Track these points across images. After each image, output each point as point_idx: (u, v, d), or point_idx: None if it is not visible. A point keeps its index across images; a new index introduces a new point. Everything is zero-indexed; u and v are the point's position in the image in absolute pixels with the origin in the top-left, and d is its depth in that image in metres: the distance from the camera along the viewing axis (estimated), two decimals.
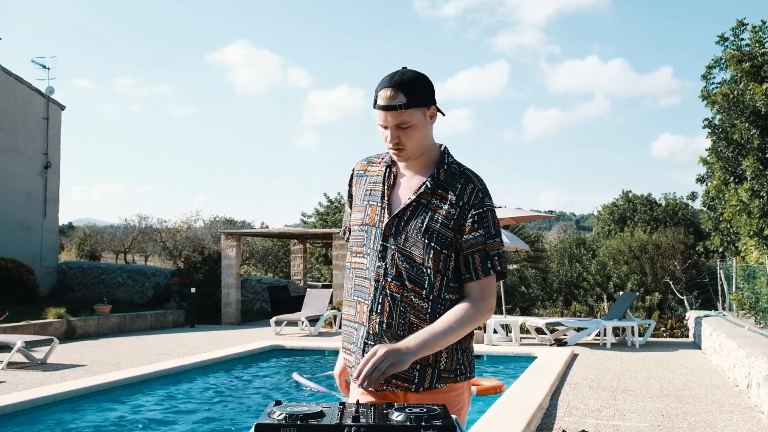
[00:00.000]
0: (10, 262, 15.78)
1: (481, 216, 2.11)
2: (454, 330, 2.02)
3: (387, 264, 2.11)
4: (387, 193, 2.17)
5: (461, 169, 2.17)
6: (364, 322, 2.14)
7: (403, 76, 2.09)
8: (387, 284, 2.10)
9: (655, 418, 6.00)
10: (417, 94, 2.08)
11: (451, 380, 2.13)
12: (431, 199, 2.12)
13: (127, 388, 7.62)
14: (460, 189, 2.13)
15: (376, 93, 2.10)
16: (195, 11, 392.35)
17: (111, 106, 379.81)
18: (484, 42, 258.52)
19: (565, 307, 17.13)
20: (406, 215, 2.12)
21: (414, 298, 2.09)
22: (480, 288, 2.11)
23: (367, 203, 2.20)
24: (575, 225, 61.40)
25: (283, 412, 1.74)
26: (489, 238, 2.12)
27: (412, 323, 2.08)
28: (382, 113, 2.08)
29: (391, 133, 2.09)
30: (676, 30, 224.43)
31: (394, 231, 2.12)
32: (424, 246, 2.09)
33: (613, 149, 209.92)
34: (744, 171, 11.46)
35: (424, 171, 2.18)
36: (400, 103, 2.06)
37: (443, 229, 2.10)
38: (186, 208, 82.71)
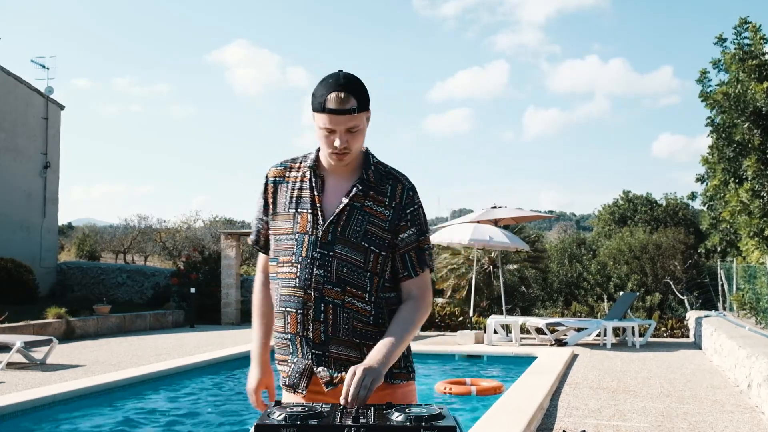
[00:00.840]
0: (9, 262, 15.76)
1: (413, 214, 2.15)
2: (409, 333, 2.07)
3: (326, 271, 2.08)
4: (318, 198, 2.13)
5: (387, 170, 2.18)
6: (298, 331, 2.12)
7: (348, 78, 2.06)
8: (328, 292, 2.08)
9: (656, 419, 5.99)
10: (364, 97, 2.07)
11: (404, 377, 2.18)
12: (364, 202, 2.12)
13: (127, 389, 7.61)
14: (391, 190, 2.14)
15: (321, 96, 2.05)
16: (194, 11, 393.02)
17: (110, 106, 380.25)
18: (483, 41, 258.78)
19: (565, 307, 17.12)
20: (341, 220, 2.10)
21: (357, 303, 2.10)
22: (419, 285, 2.16)
23: (294, 210, 2.15)
24: (575, 225, 61.39)
25: (282, 412, 1.73)
26: (421, 234, 2.17)
27: (356, 328, 2.10)
28: (332, 117, 2.03)
29: (340, 137, 2.05)
30: (677, 29, 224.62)
31: (332, 237, 2.09)
32: (365, 250, 2.09)
33: (613, 149, 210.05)
34: (745, 171, 11.45)
35: (351, 174, 2.16)
36: (352, 107, 2.03)
37: (380, 231, 2.11)
38: (185, 208, 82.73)
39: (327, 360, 2.10)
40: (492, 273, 16.96)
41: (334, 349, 2.10)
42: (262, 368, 2.29)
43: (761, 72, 11.47)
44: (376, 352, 1.99)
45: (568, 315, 15.44)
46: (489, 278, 17.01)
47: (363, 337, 2.10)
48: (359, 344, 2.10)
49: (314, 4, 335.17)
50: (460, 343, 11.67)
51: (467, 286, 16.24)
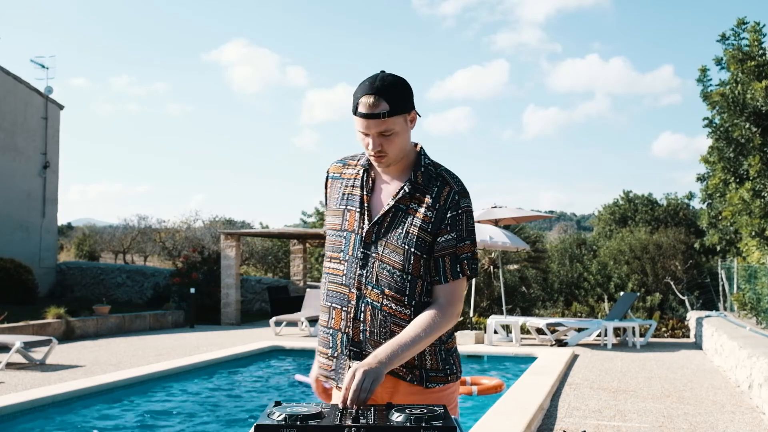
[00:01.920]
0: (8, 262, 15.76)
1: (455, 218, 2.09)
2: (422, 338, 2.01)
3: (367, 271, 2.08)
4: (366, 198, 2.13)
5: (438, 171, 2.15)
6: (341, 327, 2.12)
7: (383, 81, 2.04)
8: (368, 292, 2.08)
9: (656, 419, 5.97)
10: (399, 100, 2.05)
11: (441, 380, 2.13)
12: (410, 204, 2.10)
13: (126, 389, 7.59)
14: (437, 192, 2.10)
15: (356, 99, 2.05)
16: (192, 9, 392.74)
17: (108, 105, 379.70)
18: (483, 40, 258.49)
19: (565, 307, 17.12)
20: (386, 221, 2.09)
21: (395, 306, 2.07)
22: (448, 292, 2.09)
23: (344, 208, 2.16)
24: (576, 225, 61.45)
25: (282, 412, 1.72)
26: (460, 241, 2.09)
27: (393, 332, 2.07)
28: (364, 121, 2.03)
29: (373, 140, 2.05)
30: (677, 28, 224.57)
31: (375, 238, 2.09)
32: (405, 252, 2.07)
33: (613, 148, 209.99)
34: (746, 171, 11.44)
35: (402, 174, 2.15)
36: (383, 111, 2.02)
37: (422, 233, 2.07)
38: (184, 207, 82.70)
39: (363, 359, 2.08)
40: (492, 273, 16.96)
41: (370, 350, 2.08)
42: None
43: (760, 72, 11.47)
44: (381, 350, 1.97)
45: (568, 315, 15.43)
46: (489, 278, 17.00)
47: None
48: None
49: (314, 4, 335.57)
50: (460, 344, 11.67)
51: (467, 286, 16.21)
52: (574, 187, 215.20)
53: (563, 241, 23.68)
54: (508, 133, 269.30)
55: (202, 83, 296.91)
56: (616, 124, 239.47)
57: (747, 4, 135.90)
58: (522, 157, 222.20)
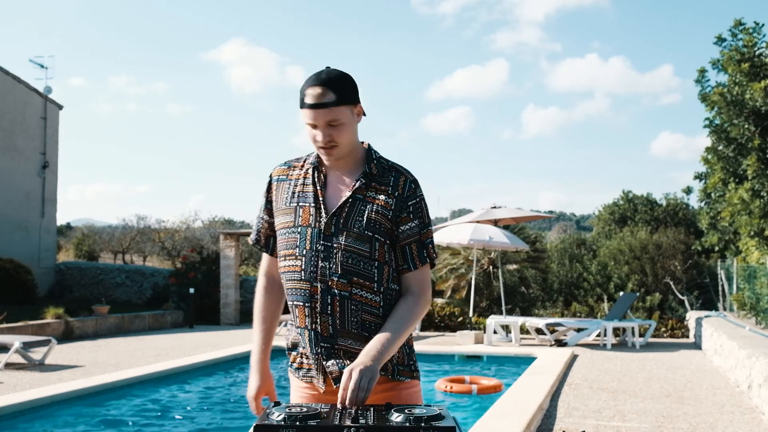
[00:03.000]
0: (8, 262, 15.75)
1: (416, 206, 2.14)
2: (405, 329, 2.06)
3: (331, 263, 2.08)
4: (320, 192, 2.14)
5: (389, 163, 2.20)
6: (307, 325, 2.12)
7: (329, 74, 2.09)
8: (334, 283, 2.08)
9: (656, 419, 5.97)
10: (344, 91, 2.08)
11: (407, 374, 2.16)
12: (367, 193, 2.13)
13: (126, 389, 7.59)
14: (393, 181, 2.15)
15: (302, 92, 2.08)
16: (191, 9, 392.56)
17: (106, 105, 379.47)
18: (483, 40, 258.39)
19: (565, 307, 17.12)
20: (344, 212, 2.11)
21: (365, 294, 2.09)
22: (418, 279, 2.15)
23: (296, 205, 2.16)
24: (575, 225, 61.46)
25: (282, 412, 1.72)
26: (423, 227, 2.16)
27: (364, 320, 2.09)
28: (311, 111, 2.06)
29: (322, 131, 2.07)
30: (677, 28, 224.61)
31: (334, 229, 2.10)
32: (369, 238, 2.09)
33: (613, 148, 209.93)
34: (744, 171, 11.44)
35: (353, 169, 2.17)
36: (329, 100, 2.05)
37: (383, 219, 2.11)
38: (183, 207, 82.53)
39: (336, 352, 2.09)
40: (492, 273, 16.95)
41: (343, 342, 2.09)
42: (262, 375, 2.30)
43: (757, 73, 11.48)
44: (371, 348, 1.98)
45: (567, 315, 15.43)
46: (489, 278, 17.00)
47: (372, 330, 2.09)
48: (368, 338, 2.08)
49: (313, 3, 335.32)
50: (459, 344, 11.66)
51: (467, 286, 16.23)
52: (573, 187, 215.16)
53: (563, 241, 23.68)
54: (507, 132, 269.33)
55: (202, 83, 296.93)
56: (615, 124, 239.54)
57: (746, 4, 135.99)
58: (521, 156, 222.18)
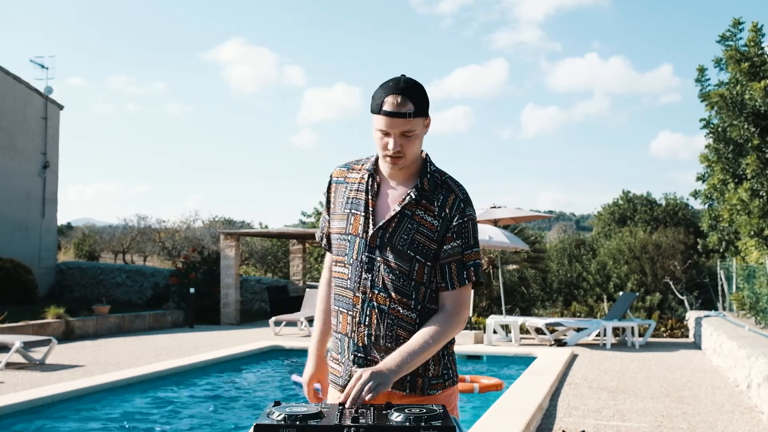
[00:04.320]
0: (8, 262, 15.75)
1: (461, 226, 2.11)
2: (430, 346, 2.03)
3: (373, 275, 2.09)
4: (371, 202, 2.13)
5: (443, 178, 2.17)
6: (348, 332, 2.13)
7: (408, 83, 2.06)
8: (374, 296, 2.09)
9: (656, 419, 5.98)
10: (422, 102, 2.08)
11: (440, 386, 2.15)
12: (416, 210, 2.11)
13: (126, 389, 7.59)
14: (443, 200, 2.12)
15: (379, 98, 2.06)
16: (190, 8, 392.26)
17: (105, 105, 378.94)
18: (482, 39, 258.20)
19: (564, 307, 17.12)
20: (391, 226, 2.10)
21: (402, 310, 2.09)
22: (454, 299, 2.11)
23: (349, 211, 2.16)
24: (575, 225, 61.42)
25: (282, 412, 1.73)
26: (467, 248, 2.12)
27: (399, 336, 2.09)
28: (387, 119, 2.04)
29: (394, 140, 2.05)
30: (677, 28, 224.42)
31: (379, 242, 2.09)
32: (410, 258, 2.08)
33: (612, 148, 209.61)
34: (744, 171, 11.45)
35: (408, 181, 2.15)
36: (409, 111, 2.04)
37: (427, 241, 2.09)
38: (182, 207, 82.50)
39: (370, 364, 2.10)
40: (491, 273, 16.96)
41: (376, 355, 2.09)
42: (316, 363, 2.32)
43: (757, 73, 11.48)
44: (391, 358, 1.99)
45: (567, 315, 15.44)
46: (488, 278, 17.00)
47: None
48: None
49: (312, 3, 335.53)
50: (459, 343, 11.67)
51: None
52: (573, 186, 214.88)
53: (562, 241, 23.68)
54: (507, 132, 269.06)
55: (201, 83, 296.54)
56: (615, 124, 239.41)
57: (746, 3, 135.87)
58: (521, 156, 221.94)
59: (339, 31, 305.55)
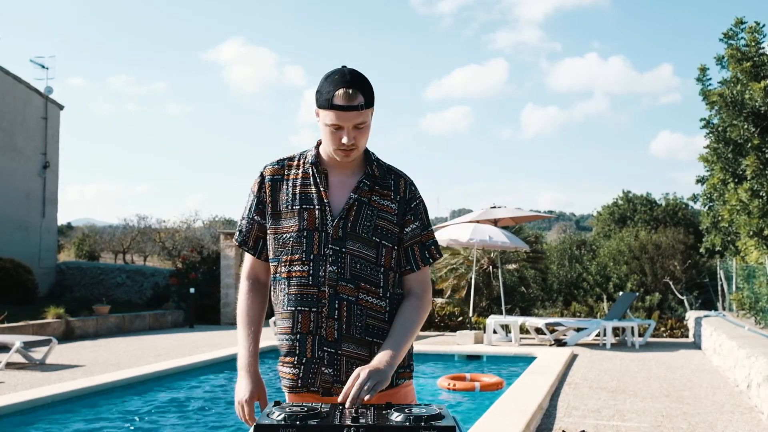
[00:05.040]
0: (8, 262, 15.76)
1: (416, 208, 2.17)
2: (413, 332, 2.09)
3: (339, 267, 2.07)
4: (324, 194, 2.11)
5: (387, 166, 2.21)
6: (311, 330, 2.10)
7: (354, 75, 2.06)
8: (342, 288, 2.08)
9: (655, 419, 5.99)
10: (371, 93, 2.08)
11: (407, 375, 2.18)
12: (371, 197, 2.12)
13: (126, 389, 7.60)
14: (394, 184, 2.16)
15: (328, 93, 2.03)
16: (189, 8, 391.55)
17: (105, 105, 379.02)
18: (482, 39, 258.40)
19: (564, 307, 17.12)
20: (351, 215, 2.09)
21: (371, 299, 2.10)
22: (420, 280, 2.17)
23: (299, 207, 2.12)
24: (575, 225, 61.43)
25: (282, 412, 1.73)
26: (424, 228, 2.18)
27: (368, 325, 2.10)
28: (339, 113, 2.02)
29: (348, 133, 2.04)
30: (676, 27, 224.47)
31: (342, 233, 2.08)
32: (376, 245, 2.10)
33: (612, 148, 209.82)
34: (743, 171, 11.44)
35: (354, 170, 2.16)
36: (360, 103, 2.04)
37: (390, 225, 2.12)
38: (182, 207, 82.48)
39: (339, 358, 2.08)
40: (491, 273, 16.96)
41: (346, 347, 2.09)
42: (253, 379, 2.23)
43: (757, 72, 11.47)
44: (384, 354, 1.99)
45: (567, 315, 15.44)
46: (488, 278, 17.01)
47: (375, 335, 2.10)
48: (371, 342, 2.09)
49: (311, 3, 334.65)
50: (459, 343, 11.67)
51: (467, 286, 16.23)
52: (573, 186, 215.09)
53: (562, 241, 23.67)
54: (506, 132, 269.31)
55: (201, 83, 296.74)
56: (615, 124, 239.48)
57: (746, 3, 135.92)
58: (521, 156, 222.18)
59: (339, 31, 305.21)
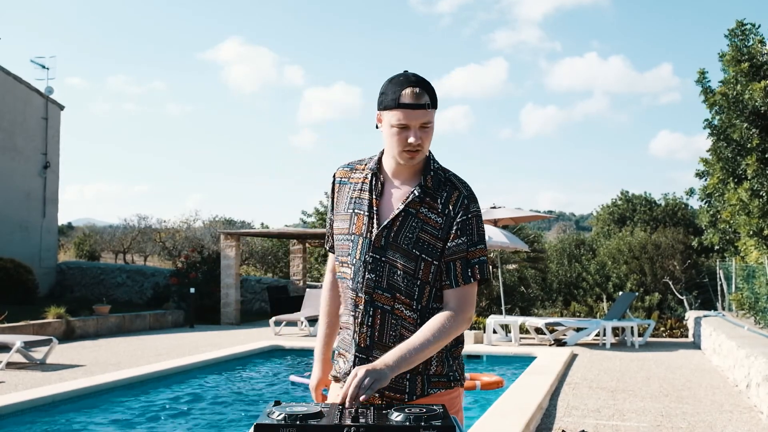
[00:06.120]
0: (9, 262, 15.76)
1: (465, 223, 2.08)
2: (432, 343, 1.99)
3: (377, 275, 2.07)
4: (375, 202, 2.12)
5: (447, 176, 2.15)
6: (352, 332, 2.13)
7: (418, 77, 2.07)
8: (378, 296, 2.07)
9: (655, 418, 5.99)
10: (434, 94, 2.08)
11: (443, 385, 2.11)
12: (420, 209, 2.09)
13: (126, 389, 7.61)
14: (446, 197, 2.10)
15: (394, 93, 2.04)
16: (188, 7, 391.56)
17: (104, 105, 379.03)
18: (482, 39, 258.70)
19: (564, 307, 17.13)
20: (395, 226, 2.08)
21: (404, 310, 2.08)
22: (459, 296, 2.07)
23: (352, 211, 2.14)
24: (574, 225, 61.45)
25: (282, 412, 1.73)
26: (471, 245, 2.08)
27: (402, 336, 2.06)
28: (407, 112, 2.02)
29: (415, 132, 2.03)
30: (676, 27, 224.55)
31: (384, 242, 2.08)
32: (416, 258, 2.06)
33: (612, 148, 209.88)
34: (744, 171, 11.45)
35: (411, 179, 2.13)
36: (426, 102, 2.04)
37: (432, 239, 2.07)
38: (181, 206, 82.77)
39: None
40: (491, 273, 16.98)
41: (378, 355, 2.07)
42: (322, 367, 2.29)
43: (757, 73, 11.48)
44: (389, 354, 1.97)
45: (567, 315, 15.45)
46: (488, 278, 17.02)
47: None
48: None
49: (311, 2, 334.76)
50: None
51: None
52: (572, 186, 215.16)
53: (562, 241, 23.69)
54: (506, 131, 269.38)
55: (200, 82, 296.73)
56: (614, 123, 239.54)
57: (747, 3, 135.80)
58: (520, 156, 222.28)
59: (339, 31, 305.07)
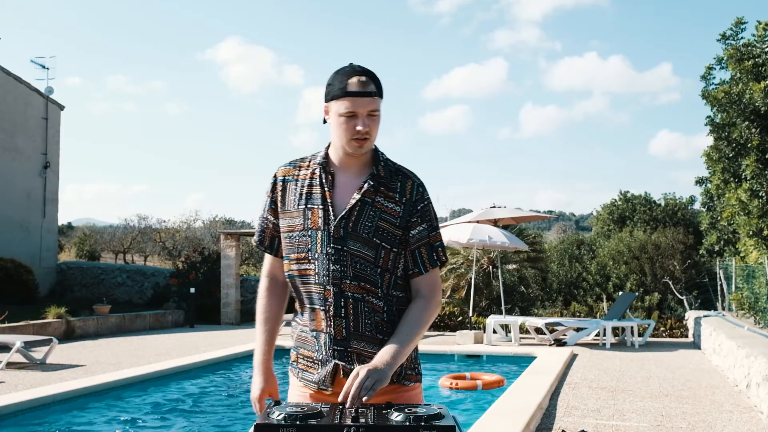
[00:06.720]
0: (9, 262, 15.76)
1: (424, 210, 2.15)
2: (417, 333, 2.09)
3: (342, 266, 2.09)
4: (329, 194, 2.13)
5: (396, 167, 2.20)
6: (323, 328, 2.12)
7: (363, 67, 2.11)
8: (346, 286, 2.09)
9: (655, 418, 6.00)
10: (380, 85, 2.13)
11: (413, 378, 2.19)
12: (375, 198, 2.12)
13: (126, 389, 7.61)
14: (401, 186, 2.15)
15: (341, 82, 2.08)
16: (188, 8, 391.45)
17: (104, 104, 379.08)
18: (481, 38, 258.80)
19: (564, 307, 17.14)
20: (353, 216, 2.10)
21: (371, 298, 2.11)
22: (429, 282, 2.16)
23: (305, 207, 2.15)
24: (574, 225, 61.47)
25: (282, 412, 1.74)
26: (432, 230, 2.17)
27: (377, 323, 2.11)
28: (354, 100, 2.06)
29: (362, 120, 2.07)
30: (676, 27, 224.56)
31: (343, 233, 2.09)
32: (376, 246, 2.10)
33: (611, 147, 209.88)
34: (744, 171, 11.45)
35: (361, 170, 2.16)
36: (372, 90, 2.08)
37: (391, 227, 2.11)
38: (181, 206, 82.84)
39: (350, 355, 2.10)
40: (491, 273, 16.97)
41: (356, 345, 2.10)
42: (265, 376, 2.24)
43: (758, 72, 11.47)
44: (384, 353, 2.00)
45: (567, 315, 15.45)
46: (488, 278, 17.02)
47: (385, 332, 2.11)
48: (382, 340, 2.10)
49: (310, 2, 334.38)
50: (459, 343, 11.68)
51: (466, 286, 16.25)
52: (572, 186, 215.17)
53: (562, 241, 23.70)
54: (505, 131, 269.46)
55: (199, 82, 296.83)
56: (614, 123, 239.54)
57: (747, 3, 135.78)
58: (520, 156, 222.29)
59: (337, 31, 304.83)
